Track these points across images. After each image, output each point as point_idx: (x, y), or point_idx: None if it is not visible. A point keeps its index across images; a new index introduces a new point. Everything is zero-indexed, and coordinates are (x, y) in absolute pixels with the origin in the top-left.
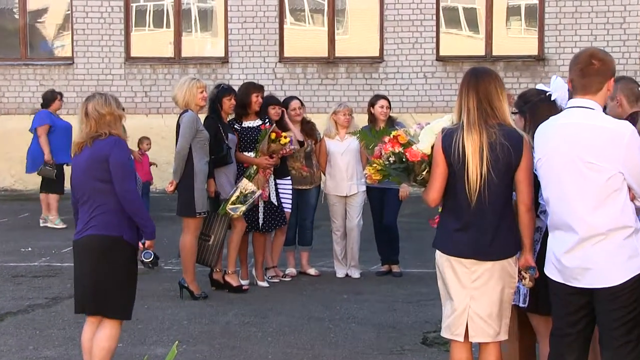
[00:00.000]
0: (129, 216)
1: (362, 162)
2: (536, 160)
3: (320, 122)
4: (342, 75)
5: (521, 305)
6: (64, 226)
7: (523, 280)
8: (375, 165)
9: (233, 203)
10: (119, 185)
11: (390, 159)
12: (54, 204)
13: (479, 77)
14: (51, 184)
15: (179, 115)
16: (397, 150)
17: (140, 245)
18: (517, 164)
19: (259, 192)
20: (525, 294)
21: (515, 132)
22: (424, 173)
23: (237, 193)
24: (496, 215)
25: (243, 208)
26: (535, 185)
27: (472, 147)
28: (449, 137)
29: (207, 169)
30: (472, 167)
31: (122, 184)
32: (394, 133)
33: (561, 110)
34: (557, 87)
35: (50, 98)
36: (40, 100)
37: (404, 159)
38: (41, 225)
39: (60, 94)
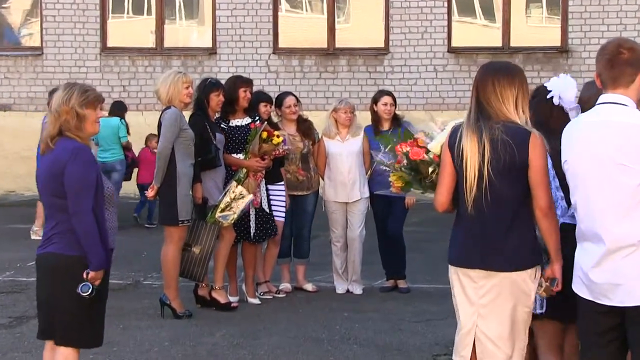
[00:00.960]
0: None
1: (365, 165)
2: (562, 162)
3: (319, 120)
4: (343, 69)
5: (538, 311)
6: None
7: (539, 288)
8: (397, 172)
9: (222, 210)
10: (71, 202)
11: (404, 162)
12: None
13: (480, 74)
14: None
15: (161, 112)
16: (404, 150)
17: (84, 274)
18: (524, 163)
19: (250, 197)
20: (542, 300)
21: (521, 129)
22: (433, 175)
23: (226, 199)
24: (502, 221)
25: (235, 216)
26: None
27: (470, 145)
28: (454, 135)
29: (192, 172)
30: (469, 167)
31: (76, 202)
32: (415, 136)
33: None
34: (556, 86)
35: None
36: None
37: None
38: (32, 237)
39: None
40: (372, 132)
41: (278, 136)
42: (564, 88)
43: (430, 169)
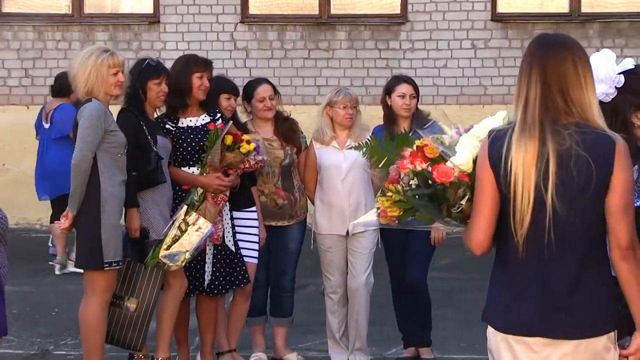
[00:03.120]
0: None
1: (374, 183)
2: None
3: (307, 119)
4: (342, 45)
5: None
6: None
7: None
8: (391, 194)
9: (169, 247)
10: None
11: (411, 182)
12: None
13: (549, 49)
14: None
15: (78, 106)
16: (420, 168)
17: None
18: (603, 185)
19: (209, 228)
20: None
21: (601, 135)
22: (462, 202)
23: (174, 231)
24: (571, 266)
25: (187, 255)
26: None
27: (524, 159)
28: (497, 143)
29: (123, 193)
30: (522, 190)
31: None
32: (418, 142)
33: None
34: (597, 64)
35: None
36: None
37: (430, 181)
38: (58, 272)
39: None
40: (384, 136)
41: (248, 142)
42: (605, 66)
43: (460, 193)
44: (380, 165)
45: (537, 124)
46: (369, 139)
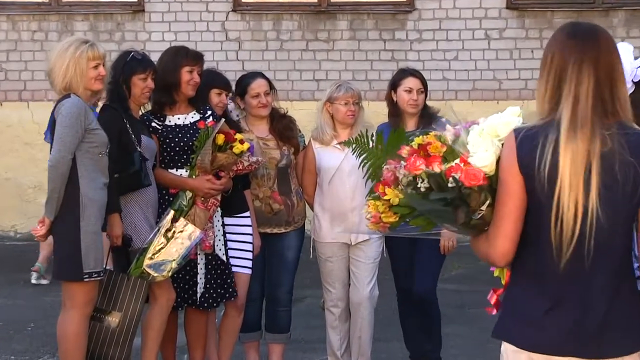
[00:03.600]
0: None
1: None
2: None
3: (305, 116)
4: (344, 35)
5: None
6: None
7: None
8: (388, 197)
9: (154, 256)
10: None
11: (420, 185)
12: None
13: (597, 40)
14: None
15: (55, 103)
16: (439, 170)
17: None
18: None
19: (198, 235)
20: None
21: None
22: (483, 207)
23: (160, 239)
24: (611, 280)
25: (174, 265)
26: None
27: (575, 162)
28: (530, 144)
29: (105, 197)
30: (567, 197)
31: None
32: (419, 139)
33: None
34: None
35: None
36: None
37: (451, 183)
38: (34, 281)
39: None
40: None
41: (241, 141)
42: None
43: (482, 198)
44: (371, 168)
45: (589, 124)
46: (360, 134)
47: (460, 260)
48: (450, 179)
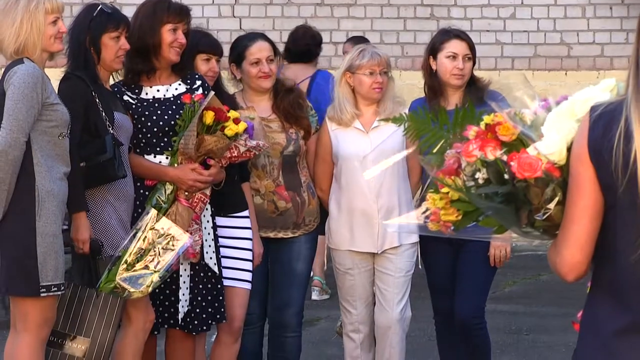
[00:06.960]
0: None
1: (411, 179)
2: None
3: None
4: None
5: None
6: None
7: None
8: (447, 190)
9: (130, 267)
10: None
11: (477, 175)
12: None
13: None
14: None
15: (3, 70)
16: (493, 157)
17: None
18: None
19: (185, 240)
20: None
21: None
22: (550, 206)
23: (137, 243)
24: None
25: (155, 277)
26: None
27: None
28: (605, 125)
29: (66, 190)
30: None
31: None
32: (487, 119)
33: None
34: None
35: None
36: None
37: (506, 176)
38: None
39: None
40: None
41: (236, 120)
42: None
43: (549, 193)
44: (431, 151)
45: None
46: (405, 113)
47: (515, 275)
48: (506, 169)
